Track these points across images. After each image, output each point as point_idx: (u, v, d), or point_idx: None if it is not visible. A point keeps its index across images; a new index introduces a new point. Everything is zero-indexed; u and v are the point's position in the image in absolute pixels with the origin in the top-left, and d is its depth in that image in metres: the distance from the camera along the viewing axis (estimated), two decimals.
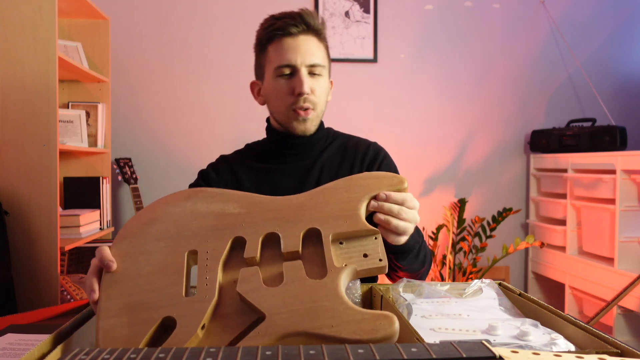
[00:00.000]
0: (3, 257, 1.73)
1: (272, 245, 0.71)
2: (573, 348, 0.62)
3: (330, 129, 1.28)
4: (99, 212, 2.37)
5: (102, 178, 2.42)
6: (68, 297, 1.98)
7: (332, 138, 1.26)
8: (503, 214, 2.68)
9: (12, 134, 1.82)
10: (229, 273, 0.68)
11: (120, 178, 2.45)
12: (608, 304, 2.06)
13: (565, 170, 2.66)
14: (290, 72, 1.12)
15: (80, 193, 2.37)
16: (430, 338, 0.65)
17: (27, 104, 1.82)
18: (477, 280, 0.85)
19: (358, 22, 2.83)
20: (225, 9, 2.73)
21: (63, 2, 2.15)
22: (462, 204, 2.72)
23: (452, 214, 2.76)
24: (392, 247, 0.89)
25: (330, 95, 1.22)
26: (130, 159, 2.55)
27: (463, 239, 2.74)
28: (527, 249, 2.99)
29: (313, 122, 1.16)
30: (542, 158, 2.88)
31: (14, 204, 1.80)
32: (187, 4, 2.72)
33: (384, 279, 1.21)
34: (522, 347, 0.61)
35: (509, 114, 2.99)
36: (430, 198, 2.90)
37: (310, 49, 1.12)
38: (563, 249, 2.68)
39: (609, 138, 2.56)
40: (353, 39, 2.83)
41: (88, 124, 2.44)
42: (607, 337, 0.59)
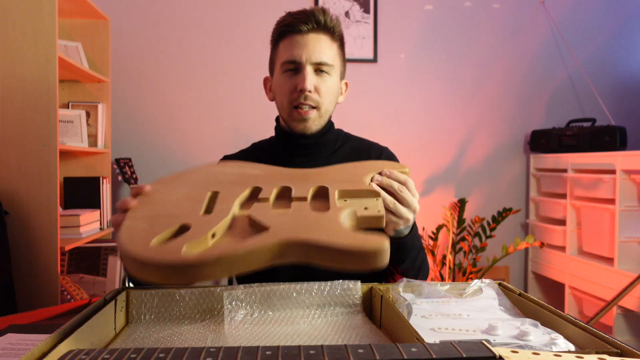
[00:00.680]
0: (3, 257, 1.73)
1: (285, 197, 0.78)
2: (573, 348, 0.62)
3: (341, 131, 1.26)
4: (99, 212, 2.37)
5: (102, 178, 2.42)
6: (68, 297, 1.98)
7: (342, 140, 1.24)
8: (503, 214, 2.68)
9: (12, 134, 1.82)
10: (244, 210, 0.74)
11: (120, 178, 2.45)
12: (608, 304, 2.06)
13: (565, 170, 2.66)
14: (295, 68, 1.11)
15: (80, 193, 2.37)
16: (430, 338, 0.65)
17: (27, 104, 1.82)
18: (477, 280, 0.85)
19: (358, 22, 2.84)
20: (225, 9, 2.73)
21: (63, 2, 2.15)
22: (462, 204, 2.72)
23: (452, 214, 2.76)
24: (391, 242, 0.90)
25: (344, 97, 1.21)
26: (130, 159, 2.55)
27: (463, 239, 2.74)
28: (527, 249, 3.00)
29: (314, 121, 1.14)
30: (542, 158, 2.88)
31: (14, 204, 1.81)
32: (187, 4, 2.72)
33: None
34: (522, 347, 0.62)
35: (509, 114, 2.99)
36: (430, 198, 2.90)
37: (318, 47, 1.10)
38: (563, 249, 2.68)
39: (609, 138, 2.56)
40: (353, 39, 2.83)
41: (88, 124, 2.44)
42: (607, 337, 0.59)
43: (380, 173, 0.87)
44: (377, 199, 0.77)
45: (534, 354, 0.49)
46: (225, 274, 0.62)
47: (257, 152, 1.24)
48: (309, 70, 1.10)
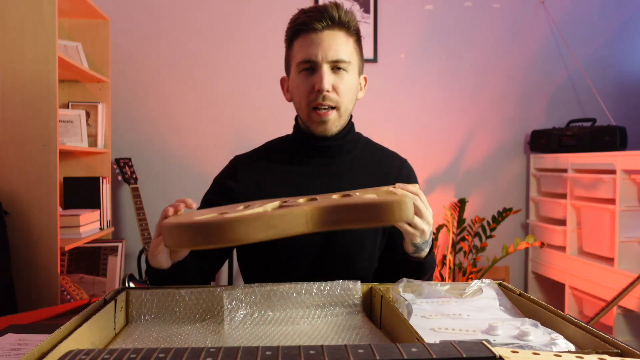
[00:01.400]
0: (3, 257, 1.73)
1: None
2: (573, 348, 0.62)
3: (361, 135, 1.23)
4: (99, 212, 2.37)
5: (102, 178, 2.42)
6: (68, 297, 1.98)
7: (362, 145, 1.21)
8: (503, 214, 2.68)
9: (12, 134, 1.82)
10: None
11: (120, 178, 2.45)
12: (608, 304, 2.06)
13: (565, 170, 2.66)
14: (311, 67, 1.08)
15: (80, 193, 2.37)
16: (430, 338, 0.65)
17: (27, 104, 1.82)
18: (477, 280, 0.85)
19: (358, 22, 2.83)
20: (226, 9, 2.73)
21: (63, 2, 2.15)
22: (462, 204, 2.72)
23: (452, 214, 2.76)
24: (411, 264, 1.01)
25: (363, 92, 1.19)
26: (130, 159, 2.55)
27: (463, 239, 2.74)
28: (527, 249, 2.99)
29: (334, 123, 1.11)
30: (542, 158, 2.88)
31: (14, 204, 1.81)
32: (187, 4, 2.71)
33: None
34: (522, 347, 0.62)
35: (509, 114, 2.99)
36: (431, 198, 2.90)
37: (334, 45, 1.08)
38: (563, 249, 2.68)
39: (609, 138, 2.56)
40: None
41: (88, 124, 2.44)
42: (607, 337, 0.59)
43: (393, 186, 0.90)
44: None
45: (534, 354, 0.49)
46: (262, 235, 0.65)
47: (271, 153, 1.20)
48: (326, 69, 1.07)
